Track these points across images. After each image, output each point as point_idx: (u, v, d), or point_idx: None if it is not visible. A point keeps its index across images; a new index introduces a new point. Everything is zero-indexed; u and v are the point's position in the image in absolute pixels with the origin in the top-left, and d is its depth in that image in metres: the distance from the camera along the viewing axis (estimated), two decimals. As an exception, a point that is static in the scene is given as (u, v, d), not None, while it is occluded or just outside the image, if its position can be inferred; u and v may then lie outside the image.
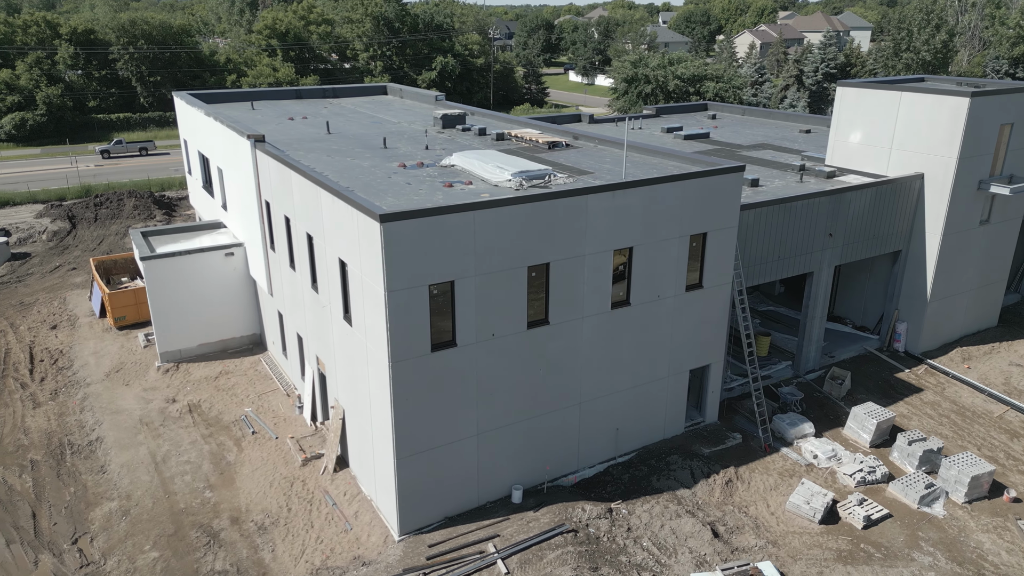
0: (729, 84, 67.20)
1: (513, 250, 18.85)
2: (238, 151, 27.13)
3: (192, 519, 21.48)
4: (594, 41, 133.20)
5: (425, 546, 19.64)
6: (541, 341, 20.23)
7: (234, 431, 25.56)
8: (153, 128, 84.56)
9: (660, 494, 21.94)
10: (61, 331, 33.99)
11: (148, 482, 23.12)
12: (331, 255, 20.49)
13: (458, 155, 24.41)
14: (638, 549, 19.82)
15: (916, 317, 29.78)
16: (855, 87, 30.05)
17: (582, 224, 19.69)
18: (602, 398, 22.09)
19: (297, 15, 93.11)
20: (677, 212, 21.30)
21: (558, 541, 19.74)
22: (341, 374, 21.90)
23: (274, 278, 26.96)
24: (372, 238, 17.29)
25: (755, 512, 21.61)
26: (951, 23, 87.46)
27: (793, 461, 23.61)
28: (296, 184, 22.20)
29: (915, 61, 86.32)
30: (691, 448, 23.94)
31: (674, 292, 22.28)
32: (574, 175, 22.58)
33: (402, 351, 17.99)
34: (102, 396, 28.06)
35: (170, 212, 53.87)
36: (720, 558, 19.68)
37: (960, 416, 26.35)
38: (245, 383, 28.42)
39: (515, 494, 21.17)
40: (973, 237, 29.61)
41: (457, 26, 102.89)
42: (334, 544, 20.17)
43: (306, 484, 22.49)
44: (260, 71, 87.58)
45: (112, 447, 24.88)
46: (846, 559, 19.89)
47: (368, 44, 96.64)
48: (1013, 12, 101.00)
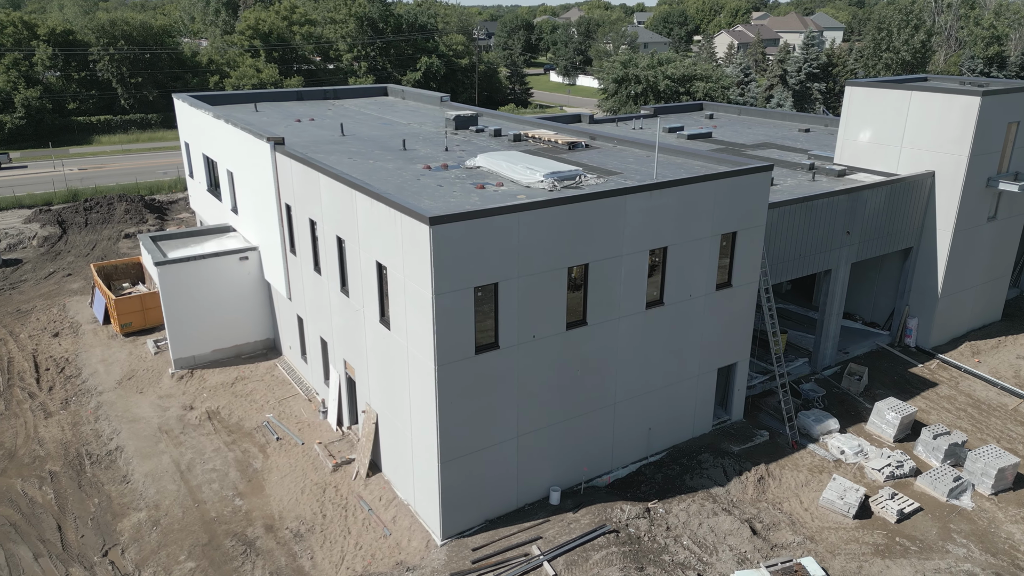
0: (717, 84, 67.79)
1: (554, 251, 18.82)
2: (255, 154, 26.76)
3: (225, 528, 21.14)
4: (575, 41, 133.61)
5: (468, 550, 19.53)
6: (579, 342, 20.22)
7: (257, 438, 25.20)
8: (134, 130, 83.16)
9: (695, 492, 22.05)
10: (64, 339, 33.27)
11: (175, 491, 22.71)
12: (366, 258, 20.29)
13: (483, 156, 24.31)
14: (679, 548, 19.90)
15: (927, 313, 30.27)
16: (864, 87, 30.47)
17: (620, 224, 19.73)
18: (635, 398, 22.15)
19: (280, 15, 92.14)
20: (709, 211, 21.43)
21: (601, 542, 19.76)
22: (374, 378, 21.69)
23: (294, 282, 26.63)
24: (419, 241, 17.14)
25: (789, 508, 21.80)
26: (929, 23, 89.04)
27: (821, 457, 23.86)
28: (325, 187, 21.96)
29: (895, 61, 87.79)
30: (720, 446, 24.09)
31: (705, 291, 22.41)
32: (603, 175, 22.60)
33: (448, 354, 17.87)
34: (116, 404, 27.51)
35: (162, 216, 53.02)
36: (760, 555, 19.83)
37: (976, 409, 26.84)
38: (263, 389, 28.04)
39: (553, 495, 21.14)
40: (981, 233, 30.19)
41: (441, 27, 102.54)
42: (374, 550, 19.97)
43: (339, 490, 22.25)
44: (243, 72, 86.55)
45: (133, 456, 24.40)
46: (883, 553, 20.15)
47: (352, 44, 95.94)
48: (987, 13, 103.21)
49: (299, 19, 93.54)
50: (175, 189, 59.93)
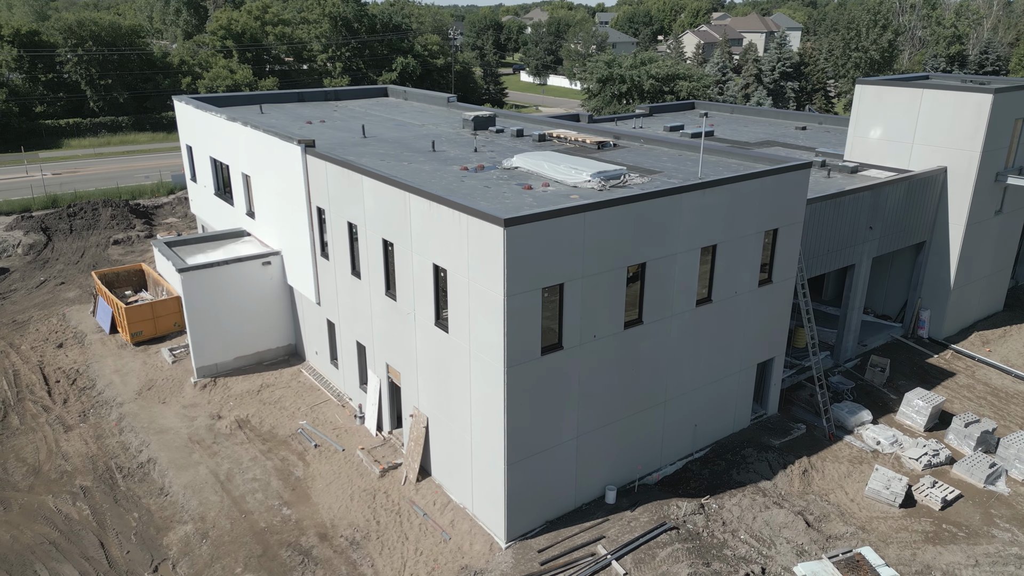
0: (700, 83, 68.67)
1: (615, 250, 18.88)
2: (281, 157, 26.27)
3: (278, 538, 20.72)
4: (545, 42, 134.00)
5: (534, 551, 19.48)
6: (635, 341, 20.32)
7: (294, 445, 24.75)
8: (105, 134, 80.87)
9: (743, 487, 22.31)
10: (70, 349, 32.23)
11: (218, 502, 22.18)
12: (419, 261, 20.07)
13: (519, 157, 24.23)
14: (738, 542, 20.12)
15: (939, 304, 31.12)
16: (876, 85, 31.19)
17: (676, 223, 19.87)
18: (684, 395, 22.34)
19: (252, 15, 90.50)
20: (756, 209, 21.71)
21: (663, 539, 19.88)
22: (424, 382, 21.47)
23: (324, 287, 26.21)
24: (490, 243, 17.02)
25: (836, 500, 22.20)
26: (896, 23, 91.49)
27: (858, 448, 24.36)
28: (370, 190, 21.67)
29: (864, 60, 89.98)
30: (761, 440, 24.43)
31: (749, 288, 22.70)
32: (644, 174, 22.73)
33: (516, 356, 17.80)
34: (140, 416, 26.75)
35: (149, 221, 51.70)
36: (817, 546, 20.16)
37: (995, 397, 27.68)
38: (291, 395, 27.55)
39: (609, 494, 21.19)
40: (989, 227, 31.14)
41: (415, 27, 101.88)
42: (436, 555, 19.78)
43: (389, 495, 21.98)
44: (217, 73, 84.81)
45: (168, 468, 23.75)
46: (933, 540, 20.66)
47: (327, 45, 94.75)
48: (948, 13, 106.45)
49: (271, 19, 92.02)
50: (158, 193, 58.46)
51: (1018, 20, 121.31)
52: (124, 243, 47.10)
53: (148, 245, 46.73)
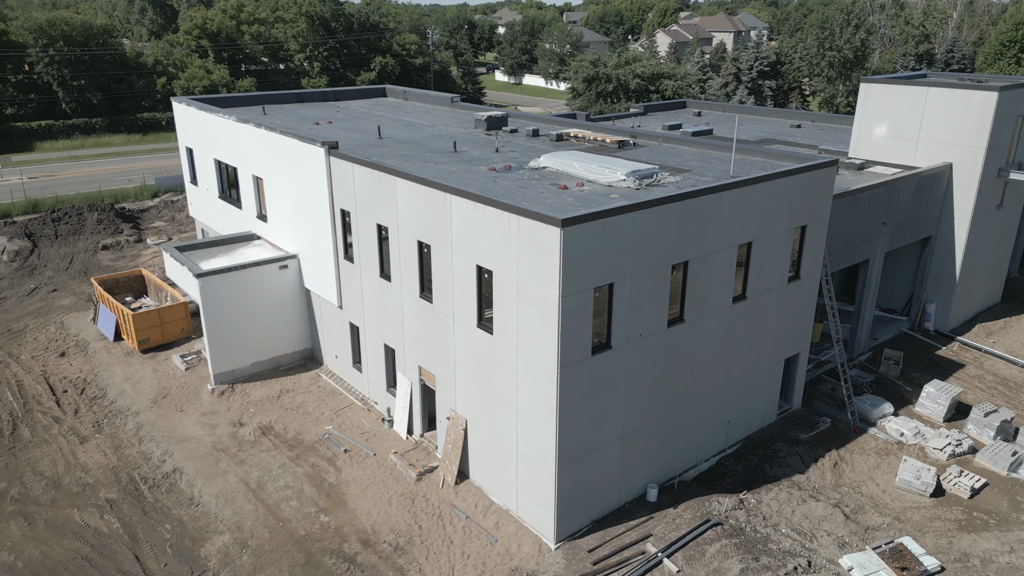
0: (684, 82, 69.31)
1: (661, 249, 18.97)
2: (300, 159, 25.88)
3: (319, 545, 20.42)
4: (520, 41, 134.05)
5: (584, 552, 19.48)
6: (676, 339, 20.43)
7: (323, 451, 24.41)
8: (78, 136, 78.86)
9: (778, 481, 22.58)
10: (73, 358, 31.38)
11: (253, 511, 21.78)
12: (461, 263, 19.93)
13: (546, 157, 24.18)
14: (781, 536, 20.36)
15: (945, 297, 31.84)
16: (880, 83, 31.80)
17: (716, 221, 20.03)
18: (719, 392, 22.53)
19: (227, 14, 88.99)
20: (787, 206, 21.99)
21: (710, 535, 20.04)
22: (463, 384, 21.33)
23: (348, 290, 25.89)
24: (544, 244, 16.97)
25: (868, 491, 22.59)
26: (868, 22, 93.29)
27: (883, 440, 24.80)
28: (404, 192, 21.45)
29: (837, 59, 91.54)
30: (789, 435, 24.75)
31: (779, 284, 22.98)
32: (675, 173, 22.86)
33: (569, 356, 17.78)
34: (158, 424, 26.15)
35: (137, 225, 50.57)
36: (857, 538, 20.49)
37: (1006, 387, 28.41)
38: (313, 400, 27.16)
39: (650, 492, 21.28)
40: (991, 221, 31.95)
41: (392, 26, 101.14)
42: (483, 557, 19.67)
43: (428, 499, 21.80)
44: (192, 73, 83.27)
45: (196, 477, 23.25)
46: (966, 527, 21.13)
47: (304, 44, 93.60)
48: (916, 13, 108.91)
49: (247, 18, 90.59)
50: (142, 196, 57.19)
51: (979, 20, 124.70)
52: (113, 248, 45.99)
53: (138, 250, 45.72)
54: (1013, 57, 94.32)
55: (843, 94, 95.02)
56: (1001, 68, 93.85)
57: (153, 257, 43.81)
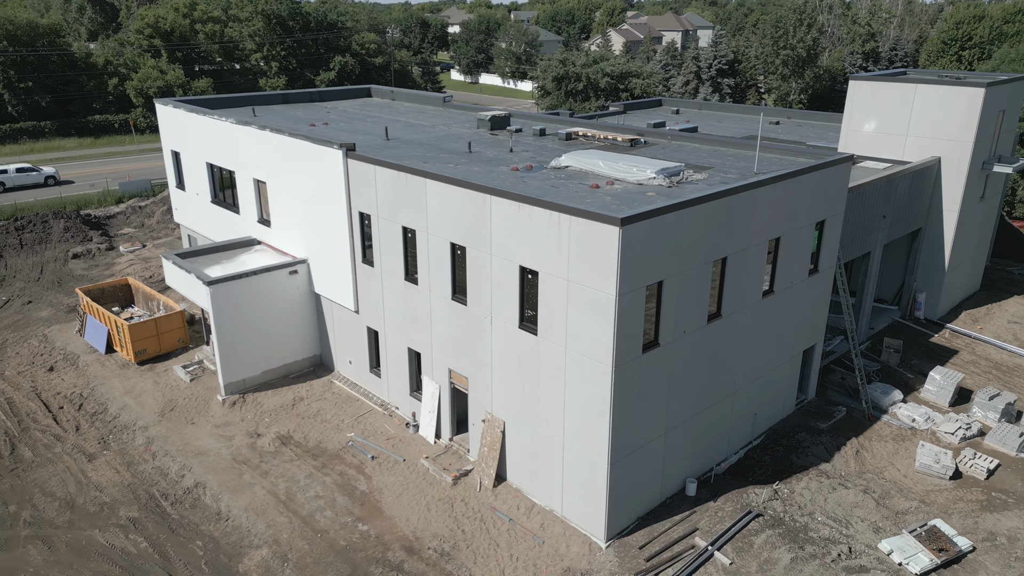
0: (650, 81, 70.22)
1: (706, 246, 19.19)
2: (313, 161, 25.30)
3: (363, 555, 20.02)
4: (476, 40, 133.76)
5: (634, 548, 19.58)
6: (715, 334, 20.71)
7: (348, 459, 23.93)
8: (27, 140, 75.49)
9: (806, 471, 23.09)
10: (64, 372, 30.06)
11: (287, 523, 21.21)
12: (502, 265, 19.79)
13: (567, 156, 24.17)
14: (818, 524, 20.83)
15: (934, 286, 33.03)
16: (869, 81, 32.77)
17: (751, 217, 20.36)
18: (748, 385, 22.92)
19: (180, 12, 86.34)
20: (810, 201, 22.49)
21: (753, 527, 20.39)
22: (501, 386, 21.19)
23: (366, 294, 25.43)
24: (599, 243, 16.98)
25: (891, 476, 23.28)
26: (819, 22, 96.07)
27: (897, 427, 25.59)
28: (435, 193, 21.17)
29: (791, 57, 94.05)
30: (810, 424, 25.33)
31: (801, 277, 23.49)
32: (698, 171, 23.14)
33: (623, 354, 17.84)
34: (170, 438, 25.24)
35: (106, 233, 48.71)
36: (889, 522, 21.10)
37: (999, 371, 29.64)
38: (330, 407, 26.60)
39: (689, 487, 21.51)
40: (975, 212, 33.28)
41: (351, 25, 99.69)
42: (533, 559, 19.58)
43: (467, 503, 21.58)
44: (146, 74, 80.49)
45: (221, 491, 22.53)
46: (988, 508, 21.97)
47: (260, 44, 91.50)
48: (862, 12, 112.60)
49: (200, 17, 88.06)
50: (106, 202, 55.08)
51: (918, 19, 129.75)
52: (85, 256, 44.19)
53: (111, 258, 44.05)
54: (954, 54, 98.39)
55: (796, 91, 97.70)
56: (943, 65, 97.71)
57: (130, 265, 42.26)
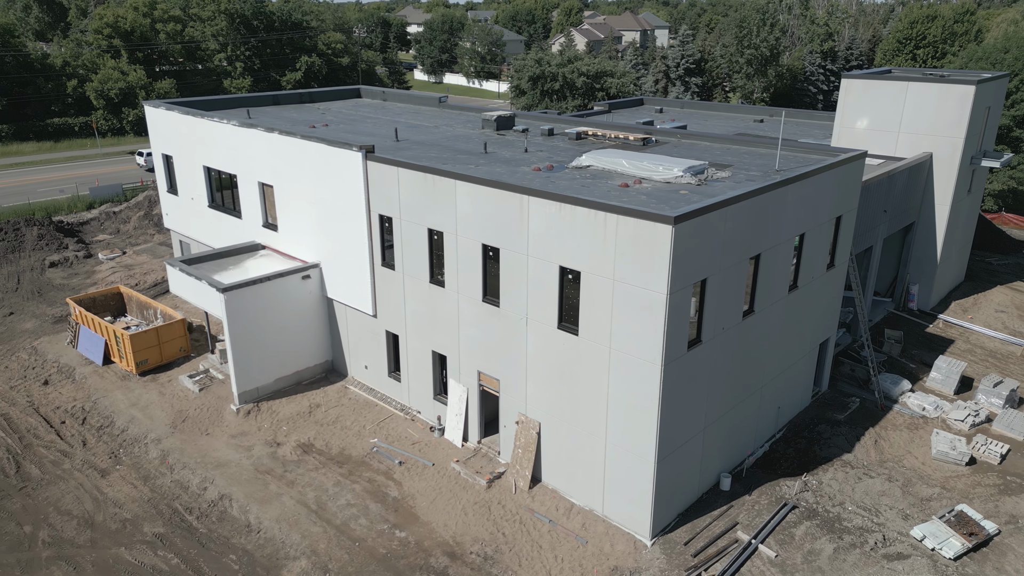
0: (624, 80, 70.85)
1: (744, 243, 19.43)
2: (328, 164, 24.85)
3: (405, 562, 19.74)
4: (439, 40, 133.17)
5: (679, 545, 19.72)
6: (748, 330, 20.98)
7: (375, 465, 23.58)
8: (-19, 145, 72.48)
9: (830, 462, 23.56)
10: (61, 386, 28.98)
11: (322, 533, 20.79)
12: (539, 265, 19.71)
13: (587, 156, 24.21)
14: (850, 514, 21.27)
15: (927, 278, 34.03)
16: (861, 79, 33.60)
17: (782, 213, 20.68)
18: (774, 379, 23.28)
19: (140, 12, 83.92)
20: (830, 196, 22.95)
21: (791, 519, 20.73)
22: (535, 387, 21.11)
23: (386, 298, 25.08)
24: (651, 242, 17.05)
25: (910, 464, 23.89)
26: (781, 22, 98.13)
27: (909, 415, 26.28)
28: (466, 194, 20.99)
29: (755, 56, 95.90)
30: (827, 416, 25.84)
31: (820, 272, 23.95)
32: (721, 168, 23.41)
33: (671, 353, 17.95)
34: (186, 451, 24.53)
35: (81, 240, 47.10)
36: (916, 509, 21.66)
37: (994, 359, 30.68)
38: (349, 413, 26.17)
39: (724, 481, 21.76)
40: (963, 206, 34.39)
41: (315, 24, 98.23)
42: (579, 559, 19.56)
43: (504, 506, 21.45)
44: (106, 75, 78.09)
45: (248, 503, 21.97)
46: (1005, 491, 22.71)
47: (224, 44, 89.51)
48: (820, 12, 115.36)
49: (161, 16, 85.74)
50: (77, 208, 53.26)
51: (871, 19, 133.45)
52: (62, 265, 42.68)
53: (91, 266, 42.63)
54: (909, 53, 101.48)
55: (759, 89, 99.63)
56: (899, 63, 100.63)
57: (112, 273, 40.95)
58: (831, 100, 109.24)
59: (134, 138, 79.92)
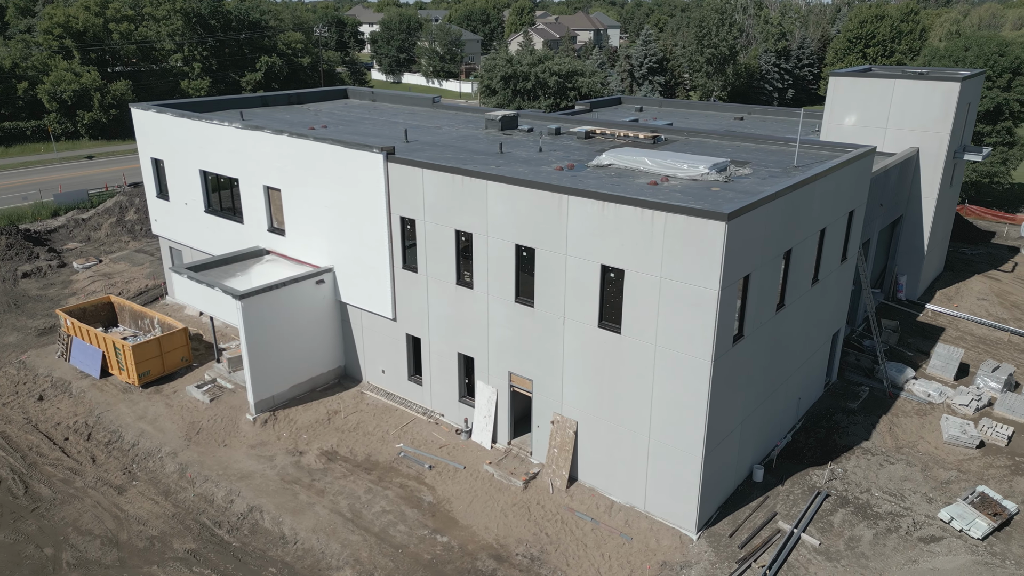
0: (594, 79, 71.37)
1: (780, 238, 19.80)
2: (344, 167, 24.41)
3: (452, 567, 19.55)
4: (397, 40, 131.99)
5: (724, 537, 19.99)
6: (779, 324, 21.39)
7: (404, 470, 23.27)
8: (-74, 151, 68.98)
9: (851, 450, 24.20)
10: (58, 401, 27.82)
11: (362, 541, 20.44)
12: (579, 265, 19.74)
13: (608, 154, 24.32)
14: (878, 500, 21.88)
15: (914, 269, 35.21)
16: (849, 77, 34.55)
17: (810, 208, 21.15)
18: (797, 371, 23.79)
19: (92, 11, 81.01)
20: (846, 192, 23.56)
21: (826, 507, 21.21)
22: (572, 386, 21.14)
23: (406, 301, 24.76)
24: (703, 238, 17.24)
25: (925, 449, 24.70)
26: (739, 22, 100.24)
27: (916, 402, 27.15)
28: (498, 195, 20.88)
29: (714, 55, 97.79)
30: (841, 405, 26.52)
31: (835, 265, 24.57)
32: (739, 165, 23.81)
33: (720, 348, 18.18)
34: (205, 463, 23.81)
35: (52, 249, 45.27)
36: (938, 492, 22.41)
37: (985, 344, 31.93)
38: (369, 419, 25.76)
39: (757, 473, 22.14)
40: (945, 198, 35.68)
41: (274, 24, 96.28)
42: (626, 556, 19.67)
43: (543, 506, 21.42)
44: (59, 77, 75.15)
45: (280, 514, 21.45)
46: (1016, 472, 23.67)
47: (180, 44, 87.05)
48: (774, 13, 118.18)
49: (114, 15, 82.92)
50: (42, 216, 51.12)
51: (819, 19, 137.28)
52: (35, 275, 40.95)
53: (66, 275, 41.01)
54: (860, 52, 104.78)
55: (718, 88, 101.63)
56: (850, 62, 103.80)
57: (91, 282, 39.46)
58: (786, 98, 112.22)
59: (89, 142, 77.17)
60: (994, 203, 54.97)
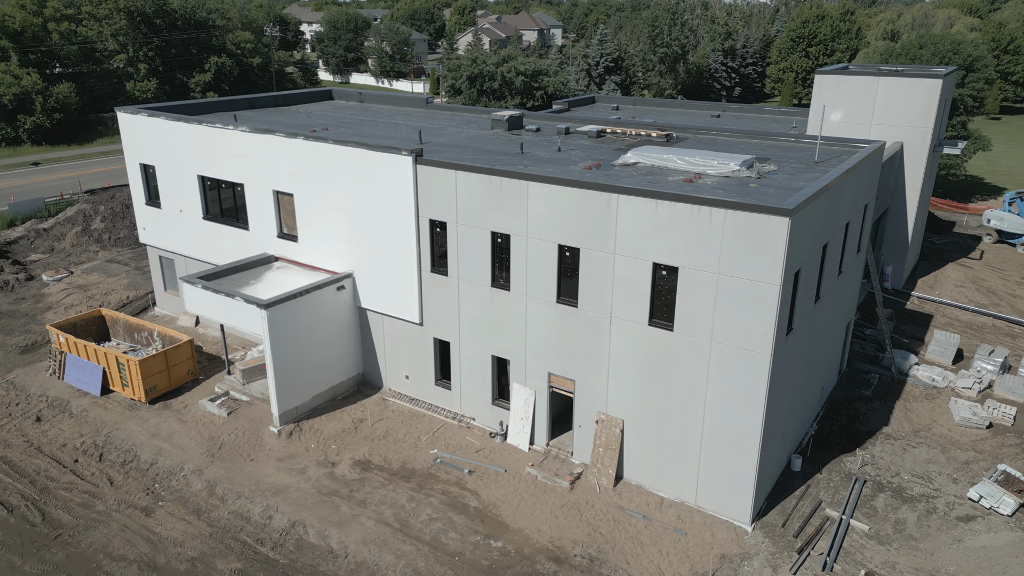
0: (558, 78, 71.64)
1: (821, 232, 20.30)
2: (367, 170, 23.88)
3: (512, 572, 19.35)
4: (344, 39, 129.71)
5: (777, 528, 20.37)
6: (816, 316, 21.91)
7: (443, 476, 22.93)
8: None
9: (874, 436, 24.99)
10: (58, 422, 26.42)
11: (415, 551, 20.04)
12: (628, 264, 19.81)
13: (633, 153, 24.45)
14: (909, 483, 22.67)
15: (899, 259, 36.59)
16: (834, 75, 35.65)
17: (841, 203, 21.74)
18: (822, 361, 24.42)
19: (29, 10, 77.06)
20: (863, 187, 24.31)
21: (866, 492, 21.84)
22: (618, 385, 21.20)
23: (434, 305, 24.38)
24: (765, 234, 17.51)
25: (939, 431, 25.69)
26: (690, 22, 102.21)
27: (923, 387, 28.21)
28: (540, 195, 20.76)
29: (667, 54, 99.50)
30: (856, 393, 27.34)
31: (853, 257, 25.33)
32: (762, 161, 24.29)
33: (778, 342, 18.52)
34: (235, 479, 22.95)
35: (17, 261, 42.92)
36: (961, 472, 23.35)
37: (972, 329, 33.41)
38: (398, 426, 25.28)
39: (795, 462, 22.64)
40: (924, 190, 37.19)
41: (221, 23, 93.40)
42: (684, 551, 19.84)
43: (592, 505, 21.42)
44: (-3, 80, 71.21)
45: (325, 527, 20.85)
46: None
47: (124, 44, 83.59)
48: (720, 13, 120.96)
49: (53, 14, 79.05)
50: (-3, 227, 48.35)
51: (759, 18, 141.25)
52: (4, 289, 38.74)
53: (36, 289, 38.95)
54: (802, 51, 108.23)
55: (670, 86, 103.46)
56: (793, 61, 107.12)
57: (67, 295, 37.58)
58: (733, 95, 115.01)
59: (32, 148, 73.36)
60: (945, 194, 57.54)
